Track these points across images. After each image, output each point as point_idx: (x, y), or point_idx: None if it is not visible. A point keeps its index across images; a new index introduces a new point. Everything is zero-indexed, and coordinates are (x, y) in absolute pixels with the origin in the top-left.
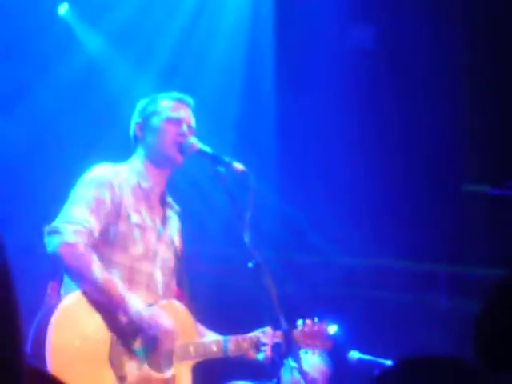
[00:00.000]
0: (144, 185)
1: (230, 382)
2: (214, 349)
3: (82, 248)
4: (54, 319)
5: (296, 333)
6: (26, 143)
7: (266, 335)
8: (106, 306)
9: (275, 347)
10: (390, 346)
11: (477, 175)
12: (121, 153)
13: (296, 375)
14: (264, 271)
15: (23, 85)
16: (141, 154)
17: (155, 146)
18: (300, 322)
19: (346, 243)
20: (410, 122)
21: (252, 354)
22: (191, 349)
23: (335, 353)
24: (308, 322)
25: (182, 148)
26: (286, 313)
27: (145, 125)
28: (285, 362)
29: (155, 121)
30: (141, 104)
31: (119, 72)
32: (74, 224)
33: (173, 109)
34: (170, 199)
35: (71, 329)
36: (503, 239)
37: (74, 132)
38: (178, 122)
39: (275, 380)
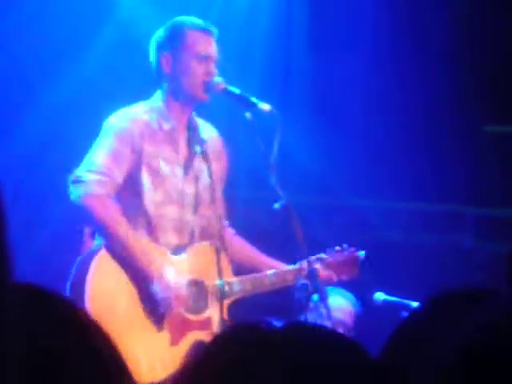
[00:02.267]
0: (166, 126)
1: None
2: (249, 287)
3: (106, 200)
4: (91, 269)
5: (325, 261)
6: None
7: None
8: (128, 259)
9: (301, 287)
10: (416, 288)
11: (501, 116)
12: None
13: (322, 311)
14: (290, 212)
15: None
16: (164, 89)
17: (182, 85)
18: (328, 251)
19: (371, 186)
20: (431, 60)
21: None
22: (226, 288)
23: (360, 295)
24: (337, 248)
25: (207, 87)
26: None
27: (173, 59)
28: (311, 301)
29: (184, 57)
30: (164, 32)
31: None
32: (97, 173)
33: (202, 44)
34: (205, 133)
35: (107, 279)
36: None
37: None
38: (206, 59)
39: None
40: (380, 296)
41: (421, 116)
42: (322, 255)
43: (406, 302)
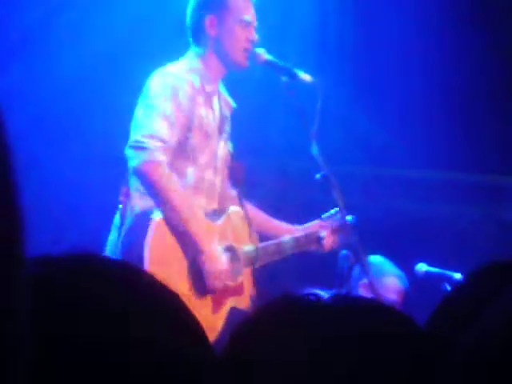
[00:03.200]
0: (208, 88)
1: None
2: (273, 248)
3: (166, 168)
4: (149, 241)
5: (330, 227)
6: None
7: (322, 227)
8: (183, 230)
9: (343, 258)
10: (455, 260)
11: None
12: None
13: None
14: (332, 183)
15: None
16: (203, 49)
17: (225, 49)
18: (325, 216)
19: (409, 156)
20: (473, 32)
21: (313, 248)
22: (254, 254)
23: (402, 266)
24: (333, 212)
25: (250, 55)
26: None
27: (217, 22)
28: (353, 273)
29: (229, 21)
30: None
31: None
32: (158, 140)
33: (245, 9)
34: (226, 95)
35: (165, 246)
36: None
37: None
38: (249, 25)
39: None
40: (422, 267)
41: (460, 87)
42: (326, 221)
43: (448, 273)
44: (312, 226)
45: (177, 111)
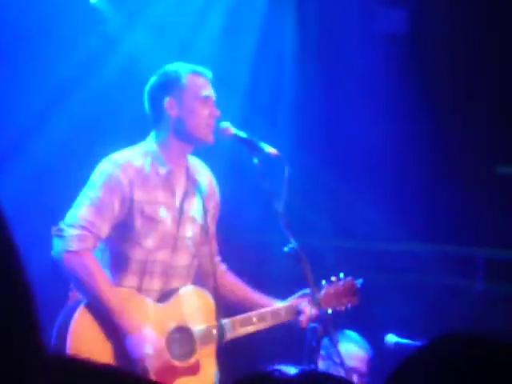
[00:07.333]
0: (162, 171)
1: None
2: (240, 330)
3: (84, 256)
4: (71, 328)
5: (322, 294)
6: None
7: (303, 303)
8: (106, 316)
9: (312, 331)
10: (427, 331)
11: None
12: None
13: (335, 359)
14: (300, 256)
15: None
16: (163, 132)
17: (188, 127)
18: (324, 282)
19: (381, 228)
20: (440, 105)
21: (289, 319)
22: (213, 331)
23: (372, 336)
24: (333, 279)
25: (215, 131)
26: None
27: (177, 103)
28: (322, 345)
29: (188, 99)
30: (160, 79)
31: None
32: (78, 228)
33: (201, 86)
34: (198, 173)
35: (87, 334)
36: None
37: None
38: (210, 101)
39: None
40: (392, 338)
41: (433, 158)
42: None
43: (418, 344)
44: (293, 300)
45: (109, 198)
